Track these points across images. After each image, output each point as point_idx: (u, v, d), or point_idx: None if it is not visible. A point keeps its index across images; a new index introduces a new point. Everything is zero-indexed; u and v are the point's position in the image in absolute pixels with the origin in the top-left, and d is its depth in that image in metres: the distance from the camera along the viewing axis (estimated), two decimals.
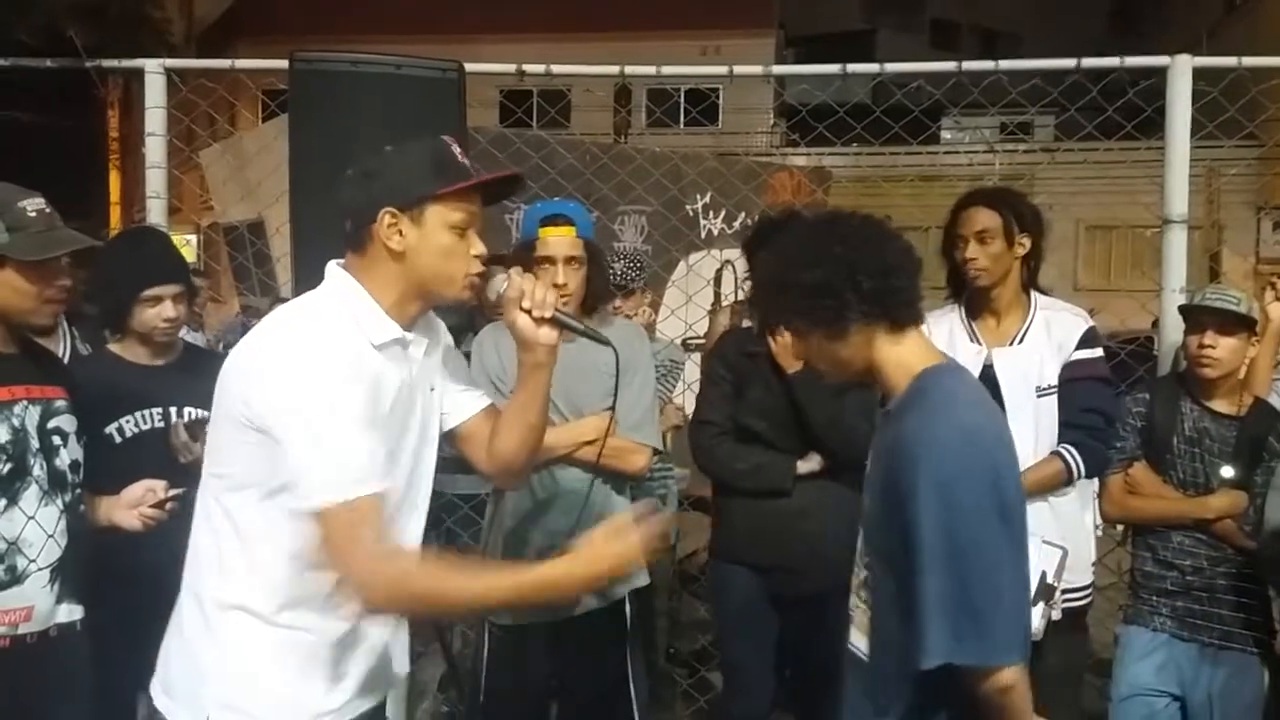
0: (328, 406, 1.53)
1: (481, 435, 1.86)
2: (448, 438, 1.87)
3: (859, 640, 1.77)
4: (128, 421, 2.52)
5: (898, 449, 1.62)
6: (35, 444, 2.09)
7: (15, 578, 2.03)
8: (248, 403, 1.56)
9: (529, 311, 1.72)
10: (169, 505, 2.21)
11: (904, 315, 1.69)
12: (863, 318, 1.66)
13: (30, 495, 2.06)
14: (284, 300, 4.94)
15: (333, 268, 1.71)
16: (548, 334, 1.74)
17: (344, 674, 1.69)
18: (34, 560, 2.05)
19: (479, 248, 1.69)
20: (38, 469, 2.08)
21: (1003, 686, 1.55)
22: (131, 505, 2.21)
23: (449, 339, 1.88)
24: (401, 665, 1.85)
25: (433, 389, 1.80)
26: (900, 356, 1.71)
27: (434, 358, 1.80)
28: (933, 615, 1.54)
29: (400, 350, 1.68)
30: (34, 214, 2.03)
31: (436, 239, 1.64)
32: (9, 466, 2.03)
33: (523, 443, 1.85)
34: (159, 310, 2.52)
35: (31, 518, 2.05)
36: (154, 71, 3.39)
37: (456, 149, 1.68)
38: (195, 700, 1.64)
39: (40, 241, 2.04)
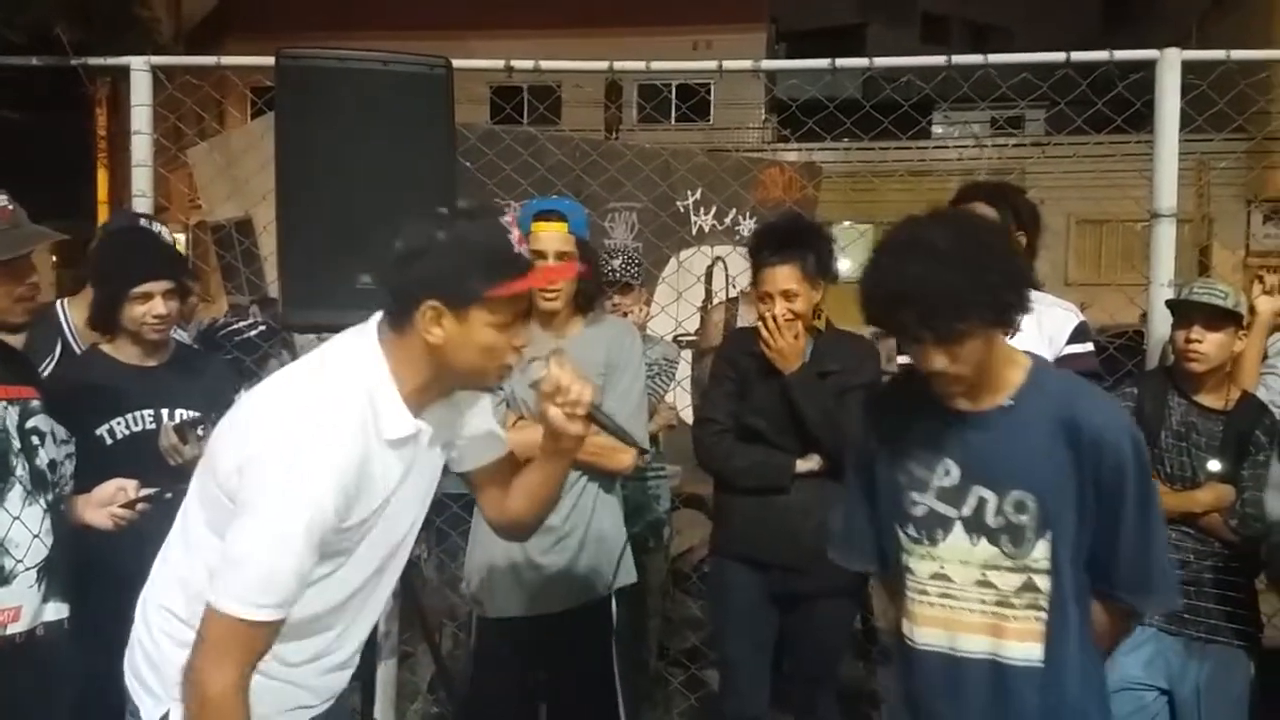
0: (287, 516, 1.48)
1: (494, 485, 1.83)
2: (461, 478, 1.84)
3: (1025, 650, 1.75)
4: (119, 423, 2.51)
5: (1088, 434, 1.70)
6: (17, 444, 2.08)
7: (3, 578, 2.02)
8: (230, 469, 1.53)
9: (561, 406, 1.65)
10: (140, 505, 2.19)
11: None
12: (1022, 315, 1.72)
13: (14, 496, 2.05)
14: (271, 300, 4.92)
15: (369, 334, 1.60)
16: (579, 428, 1.68)
17: (304, 690, 1.70)
18: (21, 560, 2.04)
19: (522, 339, 1.59)
20: (20, 469, 2.07)
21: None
22: (102, 504, 2.19)
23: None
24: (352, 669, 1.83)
25: (442, 447, 1.73)
26: (1009, 353, 1.78)
27: (454, 410, 1.72)
28: (1164, 566, 1.78)
29: (412, 441, 1.62)
30: None
31: (479, 337, 1.54)
32: None
33: (534, 511, 1.84)
34: (149, 307, 2.49)
35: (17, 518, 2.04)
36: (139, 69, 3.37)
37: (514, 234, 1.56)
38: (161, 691, 1.64)
39: (5, 240, 2.02)
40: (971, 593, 1.77)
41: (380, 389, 1.56)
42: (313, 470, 1.48)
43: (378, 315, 1.62)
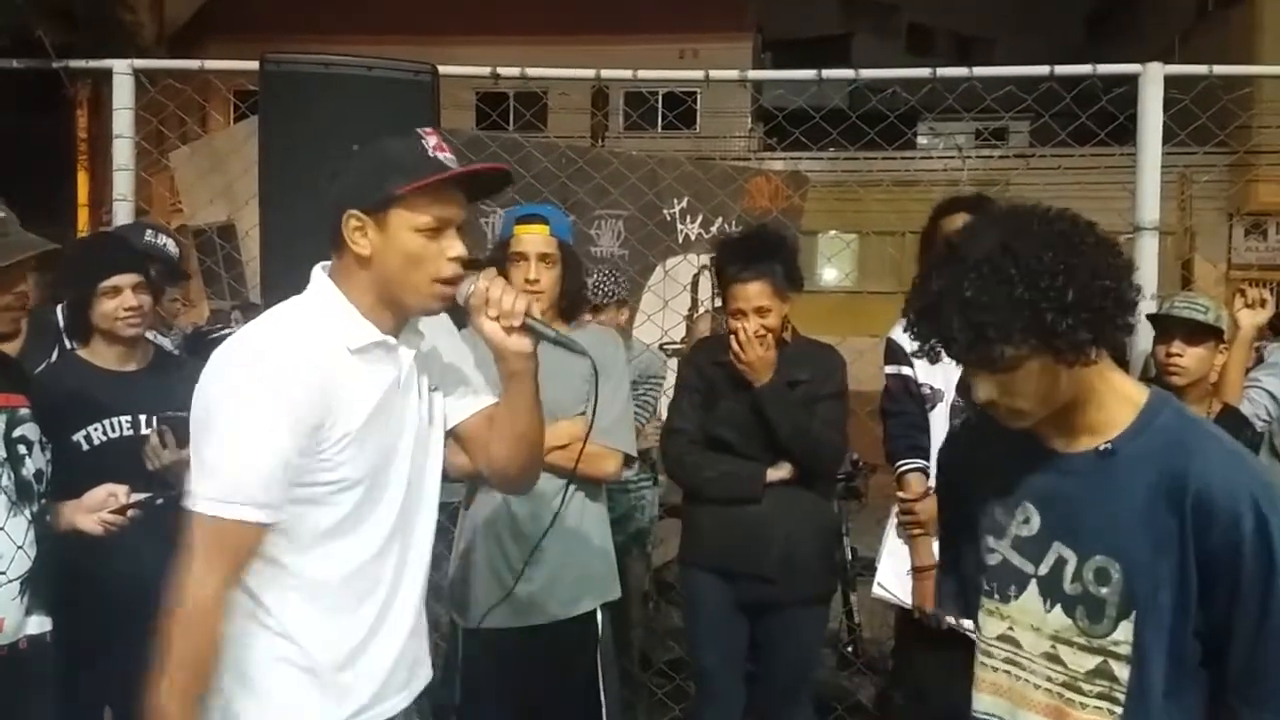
0: (241, 416, 1.48)
1: (481, 438, 1.77)
2: (449, 439, 1.79)
3: None
4: (95, 429, 2.48)
5: (1194, 494, 1.34)
6: (3, 454, 2.04)
7: None
8: (195, 406, 1.55)
9: (497, 319, 1.60)
10: (131, 511, 2.17)
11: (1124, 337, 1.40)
12: (1117, 337, 1.37)
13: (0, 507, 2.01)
14: (253, 305, 4.91)
15: (316, 271, 1.64)
16: (519, 342, 1.61)
17: (348, 686, 1.62)
18: (4, 572, 2.01)
19: (456, 249, 1.56)
20: (5, 479, 2.03)
21: None
22: (92, 510, 2.16)
23: (454, 336, 1.79)
24: (420, 671, 1.75)
25: (435, 389, 1.72)
26: (1119, 384, 1.45)
27: (431, 359, 1.71)
28: None
29: (384, 353, 1.60)
30: None
31: (401, 243, 1.54)
32: None
33: (514, 452, 1.75)
34: (119, 301, 2.47)
35: (1, 529, 2.00)
36: (122, 72, 3.35)
37: (430, 141, 1.55)
38: None
39: None
40: (1039, 665, 1.48)
41: (335, 306, 1.58)
42: (253, 372, 1.50)
43: (318, 266, 1.65)
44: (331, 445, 1.53)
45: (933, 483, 2.51)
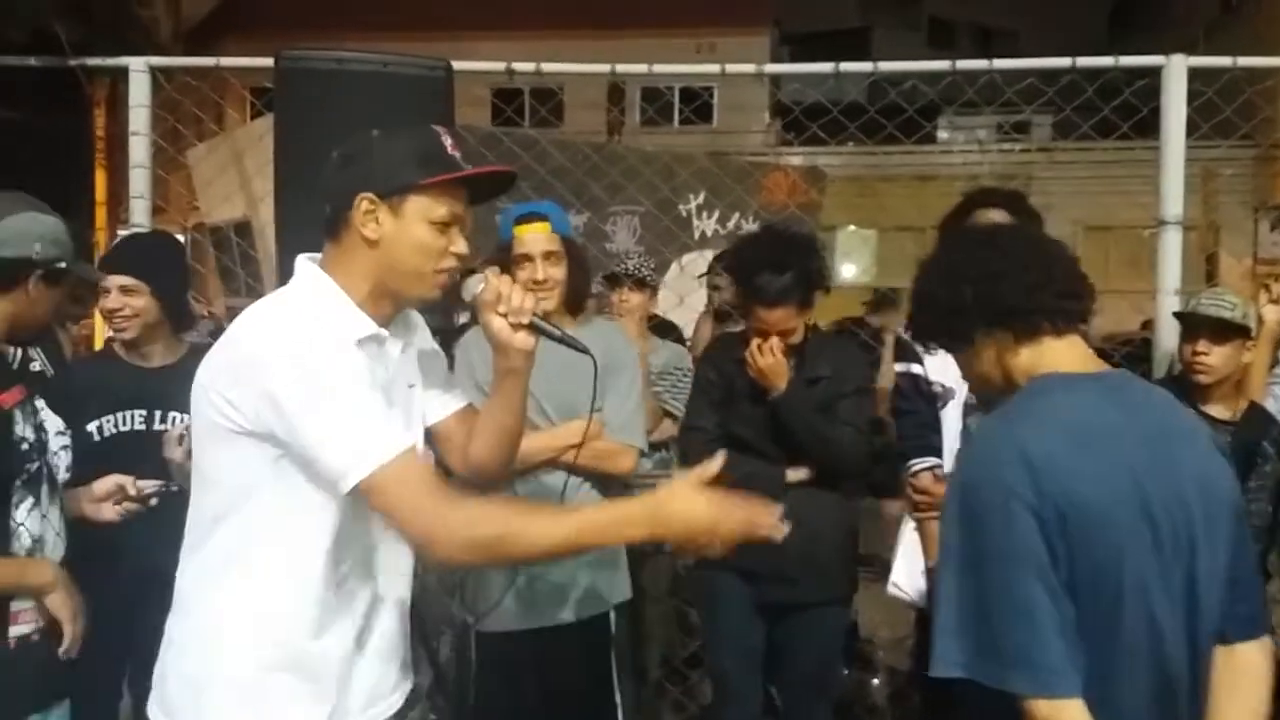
0: (326, 384, 1.48)
1: (459, 436, 1.79)
2: (425, 436, 1.80)
3: None
4: (108, 420, 2.52)
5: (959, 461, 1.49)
6: (36, 440, 2.06)
7: None
8: (235, 405, 1.50)
9: (505, 316, 1.66)
10: (153, 500, 2.20)
11: (1023, 321, 1.54)
12: (982, 328, 1.56)
13: (45, 493, 2.04)
14: None
15: (302, 262, 1.64)
16: (524, 340, 1.68)
17: (342, 691, 1.62)
18: (50, 557, 2.04)
19: (460, 246, 1.61)
20: (48, 468, 2.06)
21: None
22: (101, 499, 2.18)
23: (428, 335, 1.82)
24: (405, 677, 1.77)
25: (411, 386, 1.73)
26: (1028, 364, 1.56)
27: (411, 355, 1.74)
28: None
29: (377, 348, 1.62)
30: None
31: (414, 232, 1.57)
32: (35, 465, 2.01)
33: (498, 447, 1.78)
34: (104, 301, 2.55)
35: (45, 516, 2.03)
36: (138, 70, 3.36)
37: (448, 140, 1.61)
38: (193, 716, 1.59)
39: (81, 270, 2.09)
40: None
41: (332, 299, 1.59)
42: (307, 347, 1.50)
43: (302, 256, 1.65)
44: None
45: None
